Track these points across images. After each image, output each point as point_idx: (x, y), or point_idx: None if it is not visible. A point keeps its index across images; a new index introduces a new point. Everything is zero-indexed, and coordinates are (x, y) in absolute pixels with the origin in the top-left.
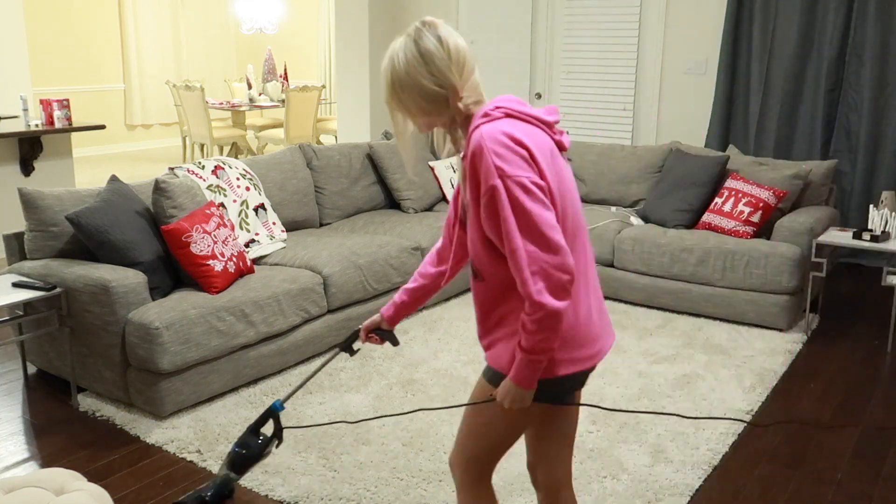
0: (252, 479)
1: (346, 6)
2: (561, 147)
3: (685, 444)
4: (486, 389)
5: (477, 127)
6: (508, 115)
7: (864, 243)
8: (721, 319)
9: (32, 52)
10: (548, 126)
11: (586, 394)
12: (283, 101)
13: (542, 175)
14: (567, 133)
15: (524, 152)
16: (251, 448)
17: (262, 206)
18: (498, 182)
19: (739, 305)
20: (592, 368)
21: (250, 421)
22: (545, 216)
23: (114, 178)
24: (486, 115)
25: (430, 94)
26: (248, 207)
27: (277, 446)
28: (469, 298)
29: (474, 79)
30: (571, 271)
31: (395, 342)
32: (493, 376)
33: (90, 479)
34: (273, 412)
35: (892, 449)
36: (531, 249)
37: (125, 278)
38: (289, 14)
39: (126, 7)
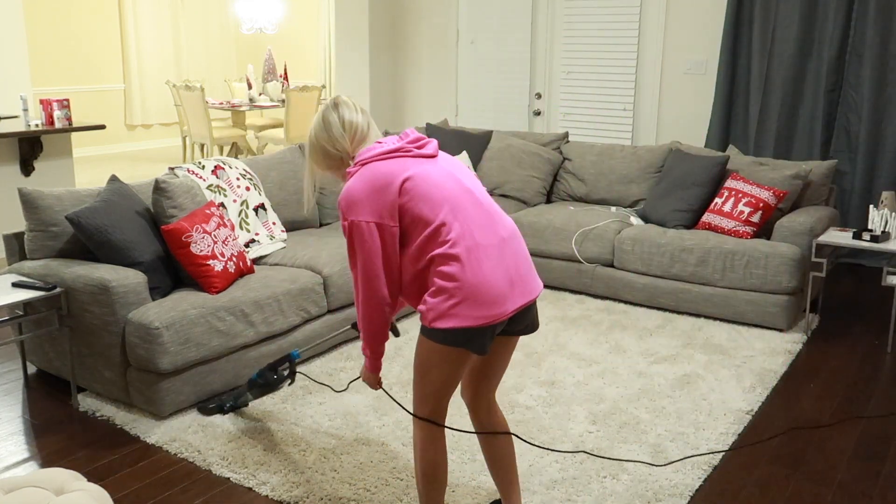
0: (251, 479)
1: (346, 6)
2: (426, 156)
3: (685, 444)
4: (422, 342)
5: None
6: (364, 165)
7: (864, 243)
8: (721, 319)
9: (32, 52)
10: (400, 151)
11: (586, 395)
12: (283, 101)
13: (381, 206)
14: (433, 141)
15: (367, 196)
16: (267, 380)
17: (262, 206)
18: (345, 223)
19: (739, 305)
20: (498, 323)
21: (255, 420)
22: (370, 253)
23: (114, 178)
24: (349, 173)
25: (330, 155)
26: (248, 207)
27: (290, 385)
28: None
29: (365, 144)
30: (383, 298)
31: (396, 333)
32: (427, 332)
33: (90, 479)
34: (290, 358)
35: (892, 449)
36: (358, 277)
37: (125, 278)
38: (289, 14)
39: (126, 7)
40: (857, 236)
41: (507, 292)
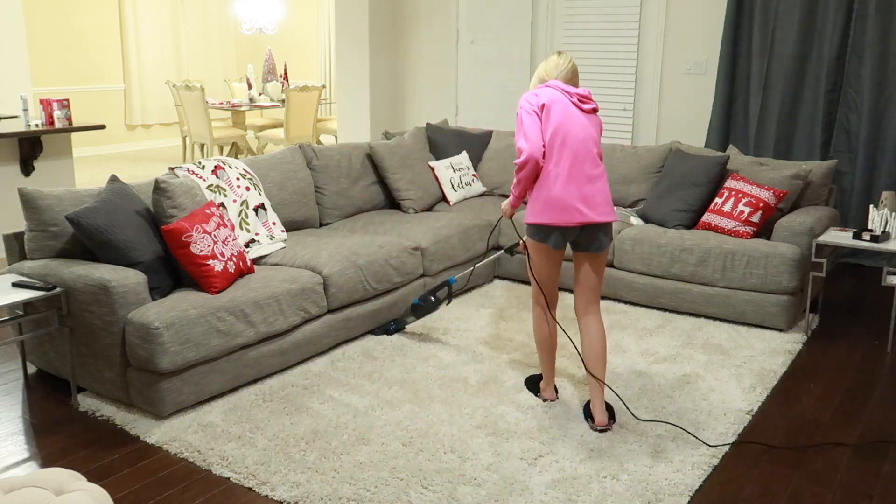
0: (251, 479)
1: (346, 6)
2: (578, 107)
3: (685, 444)
4: (527, 243)
5: None
6: (547, 86)
7: (864, 243)
8: (721, 319)
9: (32, 52)
10: (566, 92)
11: (586, 395)
12: (283, 101)
13: (541, 107)
14: (593, 104)
15: (536, 99)
16: (427, 301)
17: (262, 206)
18: (518, 111)
19: (739, 305)
20: (567, 228)
21: (254, 420)
22: (531, 125)
23: (114, 178)
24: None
25: (542, 79)
26: (248, 207)
27: (447, 304)
28: (468, 300)
29: (562, 78)
30: (530, 154)
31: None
32: (526, 229)
33: (90, 479)
34: (448, 283)
35: (892, 449)
36: (520, 139)
37: (125, 278)
38: (289, 14)
39: (126, 7)
40: (857, 236)
41: (577, 208)
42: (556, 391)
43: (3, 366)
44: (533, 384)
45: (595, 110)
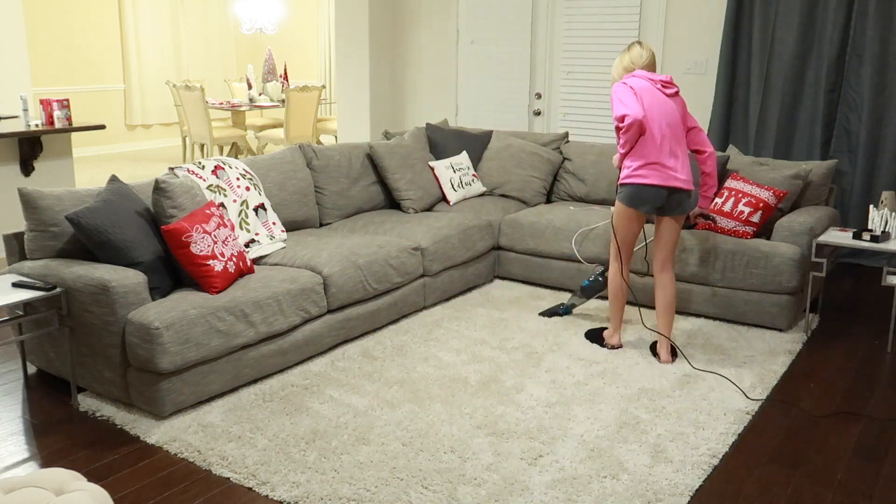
0: (251, 479)
1: (346, 6)
2: (662, 92)
3: (685, 444)
4: (615, 209)
5: None
6: (633, 76)
7: (864, 243)
8: (721, 319)
9: (32, 52)
10: (649, 79)
11: (586, 395)
12: (283, 101)
13: (633, 91)
14: (674, 87)
15: (626, 86)
16: (597, 281)
17: (262, 206)
18: (613, 92)
19: (739, 305)
20: (654, 198)
21: (254, 420)
22: (629, 97)
23: (114, 178)
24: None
25: (627, 68)
26: (248, 207)
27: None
28: (467, 300)
29: (645, 66)
30: (634, 116)
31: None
32: (617, 193)
33: (90, 479)
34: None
35: (893, 449)
36: (620, 108)
37: (125, 278)
38: (289, 14)
39: (126, 7)
40: (857, 236)
41: (669, 174)
42: (620, 339)
43: (3, 366)
44: (593, 336)
45: (677, 93)
